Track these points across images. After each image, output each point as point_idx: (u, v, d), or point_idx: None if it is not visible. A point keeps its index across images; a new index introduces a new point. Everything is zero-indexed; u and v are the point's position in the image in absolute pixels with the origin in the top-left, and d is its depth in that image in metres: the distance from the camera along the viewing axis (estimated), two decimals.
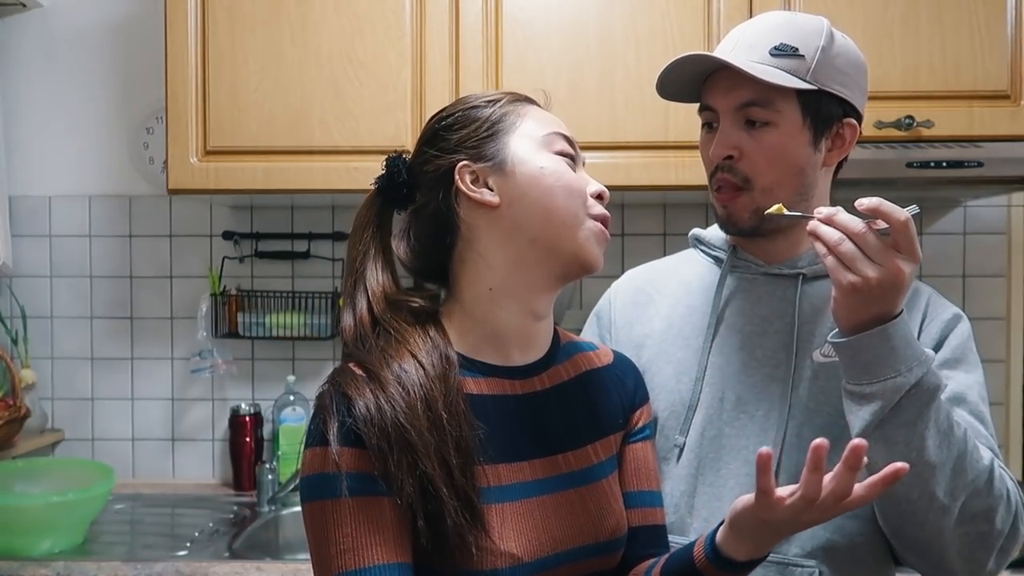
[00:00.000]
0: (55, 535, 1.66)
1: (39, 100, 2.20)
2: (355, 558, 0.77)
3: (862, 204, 0.88)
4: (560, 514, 0.88)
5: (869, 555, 1.01)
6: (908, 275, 0.87)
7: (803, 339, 1.05)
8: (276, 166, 1.81)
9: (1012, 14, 1.74)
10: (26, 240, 2.20)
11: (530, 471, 0.88)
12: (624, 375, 1.02)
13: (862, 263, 0.87)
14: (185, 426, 2.21)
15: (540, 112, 0.94)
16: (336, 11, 1.80)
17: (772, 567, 0.99)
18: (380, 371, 0.83)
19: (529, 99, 0.96)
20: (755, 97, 1.01)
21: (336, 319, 2.13)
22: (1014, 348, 2.12)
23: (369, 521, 0.78)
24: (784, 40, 1.02)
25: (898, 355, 0.89)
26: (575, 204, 0.89)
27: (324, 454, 0.80)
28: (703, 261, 1.17)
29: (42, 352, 2.20)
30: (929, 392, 0.90)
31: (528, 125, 0.91)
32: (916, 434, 0.89)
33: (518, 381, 0.91)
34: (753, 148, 1.02)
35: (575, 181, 0.90)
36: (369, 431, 0.79)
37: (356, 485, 0.78)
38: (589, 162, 0.99)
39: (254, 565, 1.60)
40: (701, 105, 1.08)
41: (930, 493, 0.91)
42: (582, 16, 1.78)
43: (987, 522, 0.94)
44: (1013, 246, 2.13)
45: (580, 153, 0.94)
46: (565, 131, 0.94)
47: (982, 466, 0.93)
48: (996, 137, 1.72)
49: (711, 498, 1.04)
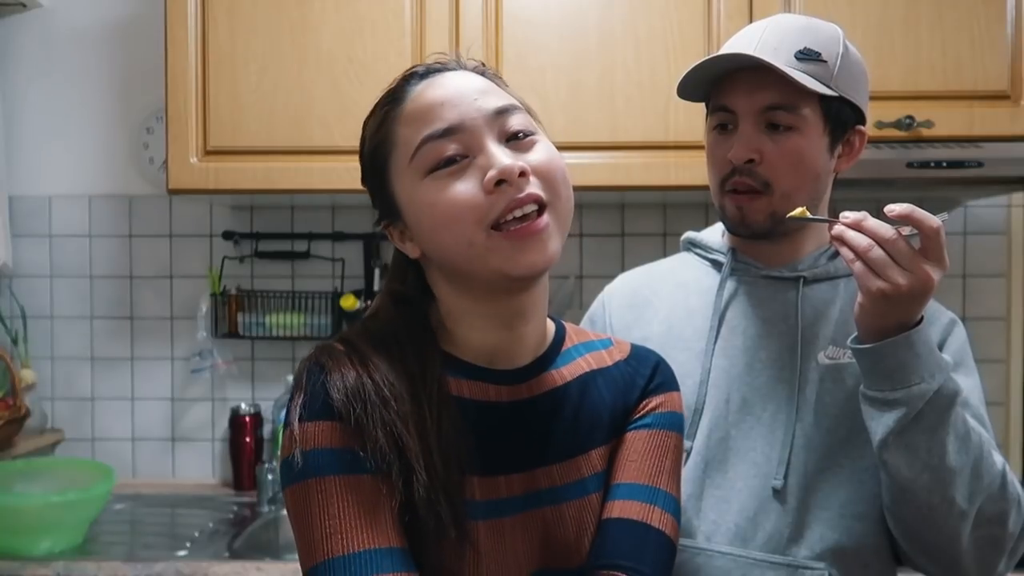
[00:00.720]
0: (55, 535, 1.66)
1: (39, 100, 2.20)
2: (343, 542, 0.69)
3: (893, 210, 0.87)
4: (531, 536, 0.79)
5: (875, 557, 1.01)
6: (936, 283, 0.87)
7: (807, 341, 1.05)
8: (276, 166, 1.81)
9: (1012, 14, 1.74)
10: (26, 240, 2.20)
11: (505, 487, 0.79)
12: (639, 371, 0.90)
13: (892, 270, 0.86)
14: (185, 426, 2.21)
15: (417, 104, 0.78)
16: (336, 11, 1.80)
17: (782, 569, 0.99)
18: (361, 345, 0.78)
19: (417, 72, 0.81)
20: (781, 101, 1.01)
21: (336, 319, 2.13)
22: (1014, 348, 2.12)
23: (358, 502, 0.70)
24: (808, 44, 1.01)
25: (922, 362, 0.89)
26: (463, 231, 0.75)
27: (303, 431, 0.73)
28: (699, 264, 1.17)
29: (42, 352, 2.20)
30: (949, 398, 0.90)
31: (401, 146, 0.78)
32: (937, 440, 0.90)
33: (504, 387, 0.82)
34: (775, 152, 1.02)
35: (453, 204, 0.74)
36: (349, 401, 0.73)
37: (340, 462, 0.71)
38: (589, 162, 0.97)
39: (254, 565, 1.60)
40: (715, 105, 1.07)
41: (950, 498, 0.91)
42: (582, 16, 1.78)
43: (1000, 525, 0.94)
44: (1013, 246, 2.12)
45: (487, 111, 0.76)
46: (444, 120, 0.75)
47: (996, 470, 0.94)
48: (996, 137, 1.72)
49: (719, 500, 1.03)
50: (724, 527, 1.02)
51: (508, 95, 0.81)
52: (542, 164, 0.76)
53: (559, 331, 0.90)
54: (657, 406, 0.88)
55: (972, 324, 2.13)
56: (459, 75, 0.80)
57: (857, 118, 1.06)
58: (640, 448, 0.85)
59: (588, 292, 2.13)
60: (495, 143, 0.76)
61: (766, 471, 1.02)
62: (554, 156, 0.78)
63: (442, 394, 0.77)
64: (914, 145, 1.71)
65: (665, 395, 0.89)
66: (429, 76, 0.80)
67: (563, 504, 0.81)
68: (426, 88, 0.79)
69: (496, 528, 0.77)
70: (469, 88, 0.78)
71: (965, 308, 2.12)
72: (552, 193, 0.76)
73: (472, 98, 0.77)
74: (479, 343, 0.82)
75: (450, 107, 0.76)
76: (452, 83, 0.79)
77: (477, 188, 0.74)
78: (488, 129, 0.76)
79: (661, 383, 0.90)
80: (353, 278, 2.17)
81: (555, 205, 0.77)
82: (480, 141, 0.76)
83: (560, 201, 0.77)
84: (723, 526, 1.02)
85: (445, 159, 0.75)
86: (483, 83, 0.80)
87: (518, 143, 0.77)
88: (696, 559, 1.01)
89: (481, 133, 0.76)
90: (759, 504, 1.01)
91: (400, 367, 0.77)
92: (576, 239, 2.14)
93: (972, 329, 2.09)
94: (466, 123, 0.76)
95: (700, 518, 1.03)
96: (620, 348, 0.92)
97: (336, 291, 2.15)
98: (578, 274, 2.13)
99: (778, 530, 1.00)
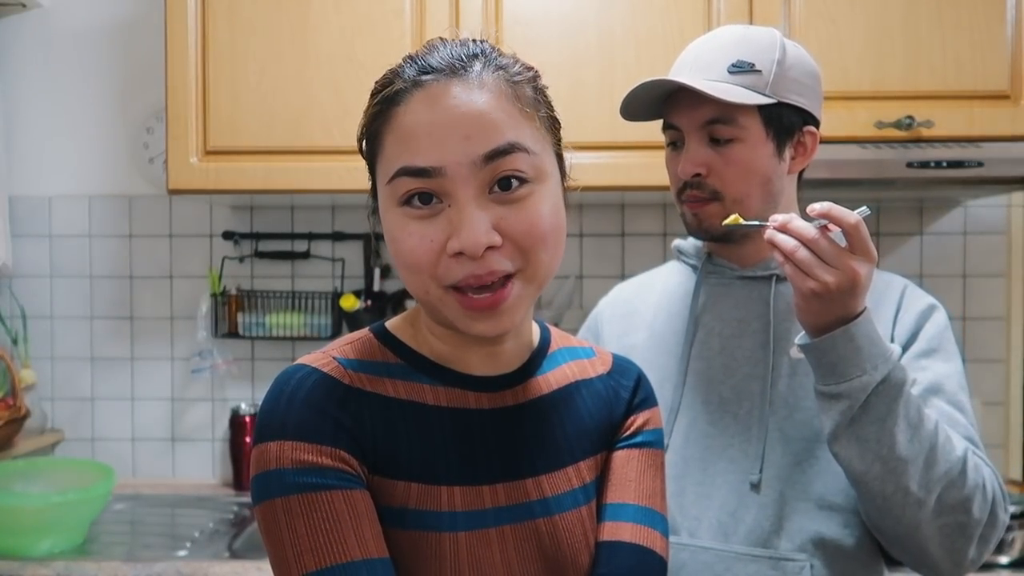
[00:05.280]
0: (55, 535, 1.66)
1: (39, 100, 2.20)
2: (324, 556, 0.67)
3: (813, 209, 0.91)
4: (523, 548, 0.76)
5: (857, 546, 1.03)
6: (865, 276, 0.90)
7: (779, 337, 1.08)
8: (276, 166, 1.81)
9: (1012, 14, 1.74)
10: (26, 240, 2.20)
11: (490, 497, 0.75)
12: (621, 384, 0.88)
13: (819, 268, 0.89)
14: (185, 426, 2.22)
15: (407, 121, 0.71)
16: (336, 11, 1.80)
17: (764, 562, 1.01)
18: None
19: (415, 69, 0.72)
20: (718, 115, 1.05)
21: (336, 319, 2.13)
22: (1014, 348, 2.12)
23: (325, 519, 0.68)
24: (740, 57, 1.05)
25: (863, 354, 0.91)
26: (421, 281, 0.71)
27: (266, 449, 0.71)
28: (683, 270, 1.21)
29: (42, 352, 2.20)
30: (896, 388, 0.92)
31: (385, 158, 0.73)
32: (886, 431, 0.92)
33: (485, 394, 0.78)
34: (720, 164, 1.06)
35: (411, 254, 0.70)
36: (319, 417, 0.71)
37: (306, 481, 0.69)
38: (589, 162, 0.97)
39: (254, 565, 1.60)
40: (665, 124, 1.11)
41: (904, 487, 0.93)
42: (582, 16, 1.78)
43: (964, 512, 0.95)
44: (1013, 246, 2.13)
45: (460, 159, 0.68)
46: (425, 158, 0.69)
47: (955, 457, 0.94)
48: (996, 137, 1.72)
49: (700, 497, 1.05)
50: (706, 523, 1.04)
51: (518, 121, 0.71)
52: (521, 230, 0.69)
53: (544, 334, 0.87)
54: (644, 424, 0.87)
55: (972, 324, 2.13)
56: (465, 88, 0.70)
57: (805, 119, 1.08)
58: (636, 468, 0.84)
59: (588, 292, 2.13)
60: (475, 197, 0.69)
61: (744, 466, 1.04)
62: (541, 216, 0.70)
63: (414, 406, 0.76)
64: (914, 145, 1.71)
65: (650, 411, 0.89)
66: (425, 84, 0.71)
67: (556, 516, 0.78)
68: (418, 103, 0.70)
69: (481, 539, 0.74)
70: (464, 118, 0.69)
71: (965, 308, 2.13)
72: (525, 260, 0.71)
73: (463, 134, 0.68)
74: (456, 353, 0.79)
75: (435, 142, 0.69)
76: (447, 104, 0.69)
77: (438, 243, 0.69)
78: (472, 178, 0.69)
79: (644, 398, 0.89)
80: (353, 278, 2.17)
81: (527, 272, 0.71)
82: (458, 193, 0.69)
83: (534, 267, 0.71)
84: (705, 522, 1.04)
85: (417, 197, 0.70)
86: (486, 107, 0.70)
87: (505, 196, 0.70)
88: (680, 555, 1.03)
89: (462, 183, 0.69)
90: (738, 499, 1.04)
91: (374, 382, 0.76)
92: (576, 239, 2.14)
93: (972, 329, 2.12)
94: (448, 169, 0.68)
95: (683, 515, 1.05)
96: (602, 360, 0.90)
97: (336, 291, 2.15)
98: (578, 274, 2.13)
99: (758, 523, 1.02)
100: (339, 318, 2.12)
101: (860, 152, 1.67)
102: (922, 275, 2.12)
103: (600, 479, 0.84)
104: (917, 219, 2.14)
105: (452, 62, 0.71)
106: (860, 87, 1.74)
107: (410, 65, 0.73)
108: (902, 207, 2.14)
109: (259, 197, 2.02)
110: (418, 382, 0.77)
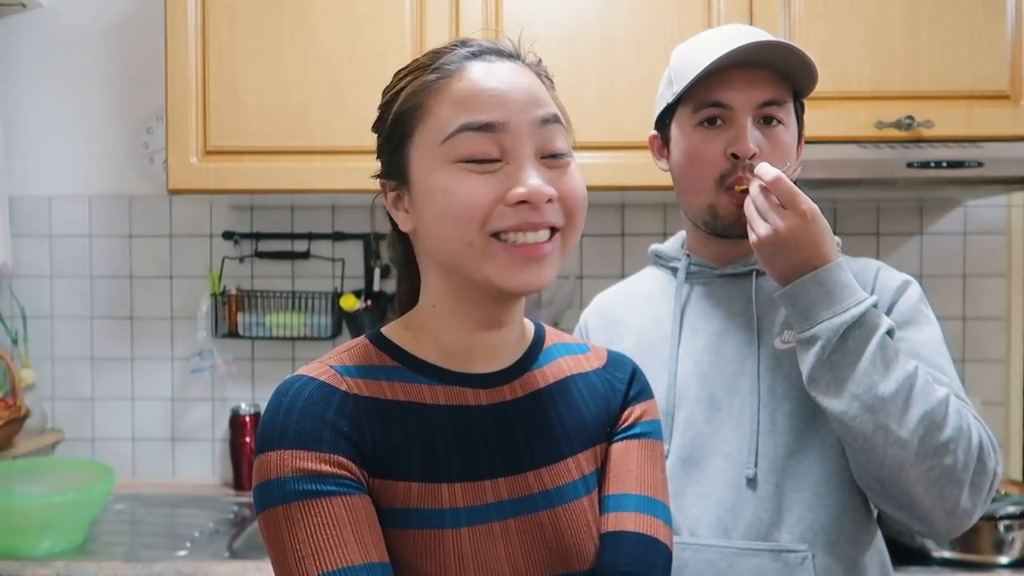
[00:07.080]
0: (55, 535, 1.66)
1: (39, 100, 2.20)
2: (316, 563, 0.69)
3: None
4: (527, 540, 0.77)
5: (857, 530, 1.03)
6: (789, 227, 0.95)
7: (764, 330, 1.08)
8: (276, 166, 1.81)
9: (1012, 14, 1.74)
10: (26, 240, 2.20)
11: (492, 491, 0.77)
12: (616, 377, 0.90)
13: (757, 223, 0.98)
14: (185, 426, 2.22)
15: (465, 85, 0.75)
16: (336, 11, 1.80)
17: (766, 555, 1.01)
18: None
19: (470, 49, 0.78)
20: (775, 96, 1.06)
21: (336, 319, 2.13)
22: (1014, 348, 2.12)
23: (325, 525, 0.70)
24: None
25: (833, 297, 0.95)
26: (467, 232, 0.73)
27: (267, 459, 0.72)
28: (663, 274, 1.21)
29: (42, 352, 2.20)
30: (870, 328, 0.94)
31: (434, 122, 0.75)
32: (860, 370, 0.93)
33: (483, 391, 0.80)
34: (768, 147, 1.06)
35: (467, 202, 0.73)
36: (319, 426, 0.73)
37: (306, 488, 0.71)
38: (589, 162, 0.97)
39: (254, 565, 1.60)
40: (705, 101, 1.07)
41: (884, 426, 0.93)
42: (582, 16, 1.78)
43: (950, 455, 0.93)
44: (1013, 246, 2.12)
45: (530, 128, 0.74)
46: (489, 114, 0.73)
47: (935, 398, 0.94)
48: (996, 137, 1.72)
49: (699, 496, 1.06)
50: (706, 520, 1.04)
51: (554, 103, 0.78)
52: (570, 194, 0.76)
53: (539, 330, 0.89)
54: (642, 415, 0.89)
55: (972, 324, 2.13)
56: (514, 67, 0.77)
57: None
58: (636, 458, 0.86)
59: (588, 292, 2.12)
60: (532, 157, 0.74)
61: (739, 462, 1.05)
62: (582, 186, 0.78)
63: (413, 406, 0.77)
64: (914, 145, 1.71)
65: (647, 403, 0.90)
66: (483, 57, 0.77)
67: (559, 507, 0.80)
68: (478, 71, 0.75)
69: (485, 534, 0.75)
70: (522, 86, 0.75)
71: (965, 308, 2.12)
72: (568, 222, 0.76)
73: (524, 99, 0.75)
74: (455, 343, 0.81)
75: (499, 102, 0.74)
76: (506, 75, 0.76)
77: (495, 193, 0.73)
78: (530, 139, 0.74)
79: (640, 391, 0.91)
80: (353, 278, 2.17)
81: (566, 233, 0.77)
82: (519, 150, 0.74)
83: (572, 230, 0.77)
84: (705, 520, 1.04)
85: (480, 156, 0.73)
86: (536, 84, 0.77)
87: (554, 162, 0.76)
88: (683, 554, 1.03)
89: (523, 141, 0.74)
90: (736, 494, 1.04)
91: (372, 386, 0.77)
92: None
93: (972, 329, 2.12)
94: (511, 126, 0.74)
95: (683, 514, 1.05)
96: (597, 355, 0.92)
97: (336, 291, 2.15)
98: (578, 274, 2.13)
99: (757, 517, 1.02)
100: (339, 318, 2.13)
101: (860, 152, 1.67)
102: (922, 275, 2.12)
103: (600, 471, 0.86)
104: (917, 219, 2.14)
105: (498, 48, 0.79)
106: (860, 87, 1.74)
107: (460, 47, 0.79)
108: (902, 207, 2.14)
109: (259, 197, 2.02)
110: (416, 383, 0.79)
